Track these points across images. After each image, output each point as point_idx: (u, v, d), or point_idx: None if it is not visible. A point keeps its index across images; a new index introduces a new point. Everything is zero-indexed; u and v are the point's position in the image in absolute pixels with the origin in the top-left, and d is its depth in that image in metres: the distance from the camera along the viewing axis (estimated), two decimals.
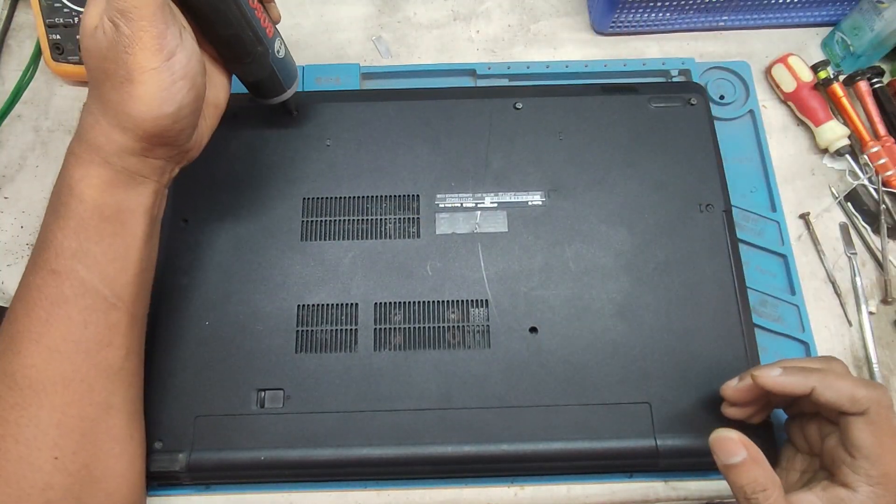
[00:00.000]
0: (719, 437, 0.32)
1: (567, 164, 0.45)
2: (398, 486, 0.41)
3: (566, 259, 0.43)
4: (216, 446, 0.38)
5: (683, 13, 0.52)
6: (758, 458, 0.31)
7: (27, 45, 0.55)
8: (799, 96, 0.50)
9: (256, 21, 0.36)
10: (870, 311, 0.46)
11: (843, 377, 0.32)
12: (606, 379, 0.40)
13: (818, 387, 0.32)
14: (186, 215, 0.44)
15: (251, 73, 0.39)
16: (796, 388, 0.32)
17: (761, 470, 0.31)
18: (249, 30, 0.36)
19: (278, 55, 0.39)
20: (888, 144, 0.48)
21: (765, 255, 0.47)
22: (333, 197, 0.44)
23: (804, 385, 0.32)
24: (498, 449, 0.38)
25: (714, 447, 0.32)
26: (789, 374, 0.33)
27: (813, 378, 0.32)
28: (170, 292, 0.42)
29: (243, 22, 0.35)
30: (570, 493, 0.41)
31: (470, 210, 0.44)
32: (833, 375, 0.32)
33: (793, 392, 0.32)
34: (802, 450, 0.36)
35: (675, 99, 0.47)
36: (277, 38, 0.39)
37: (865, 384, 0.31)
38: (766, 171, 0.49)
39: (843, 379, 0.32)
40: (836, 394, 0.31)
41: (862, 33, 0.50)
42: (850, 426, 0.31)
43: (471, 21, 0.56)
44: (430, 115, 0.47)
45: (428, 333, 0.41)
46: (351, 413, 0.39)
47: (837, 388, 0.31)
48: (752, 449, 0.31)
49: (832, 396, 0.31)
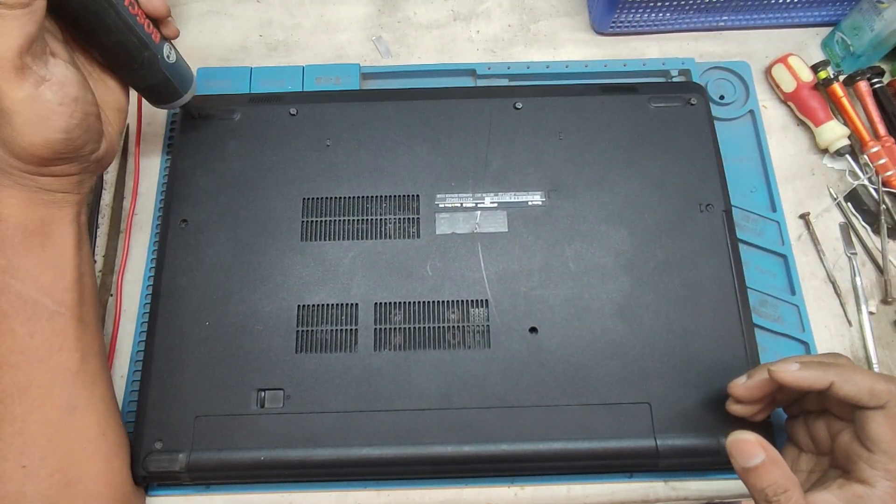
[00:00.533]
0: (737, 440, 0.31)
1: (567, 164, 0.45)
2: (398, 486, 0.41)
3: (566, 259, 0.43)
4: (216, 446, 0.38)
5: (683, 13, 0.52)
6: (776, 459, 0.30)
7: None
8: (799, 96, 0.50)
9: (139, 27, 0.36)
10: (870, 311, 0.46)
11: (860, 371, 0.32)
12: (606, 379, 0.40)
13: (837, 381, 0.31)
14: (186, 215, 0.44)
15: (143, 79, 0.39)
16: (815, 382, 0.32)
17: (780, 471, 0.30)
18: (132, 35, 0.36)
19: (168, 60, 0.39)
20: (888, 144, 0.48)
21: (765, 255, 0.47)
22: (333, 197, 0.44)
23: (823, 379, 0.31)
24: (498, 449, 0.38)
25: (732, 450, 0.31)
26: (808, 368, 0.32)
27: (832, 372, 0.31)
28: (170, 292, 0.42)
29: (124, 28, 0.35)
30: (570, 493, 0.41)
31: (470, 210, 0.44)
32: (850, 369, 0.32)
33: (811, 387, 0.32)
34: (807, 449, 0.36)
35: (675, 99, 0.47)
36: (166, 43, 0.39)
37: (884, 378, 0.31)
38: (766, 171, 0.49)
39: (860, 373, 0.31)
40: (856, 388, 0.31)
41: (862, 33, 0.50)
42: (868, 420, 0.31)
43: (471, 21, 0.56)
44: (430, 115, 0.47)
45: (428, 333, 0.41)
46: (351, 413, 0.39)
47: (856, 382, 0.31)
48: (769, 450, 0.31)
49: (851, 390, 0.31)
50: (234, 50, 0.54)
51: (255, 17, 0.56)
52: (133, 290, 0.46)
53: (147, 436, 0.39)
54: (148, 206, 0.48)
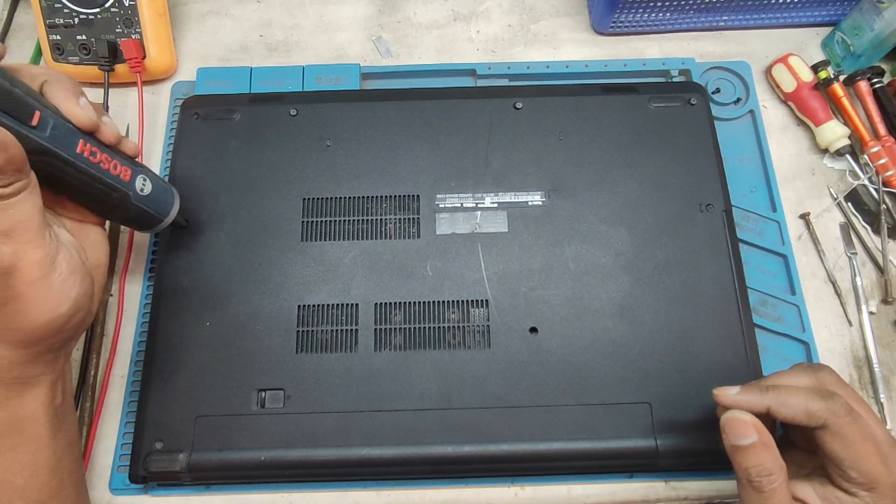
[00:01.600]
0: (732, 418, 0.31)
1: (567, 164, 0.45)
2: (398, 486, 0.41)
3: (566, 259, 0.43)
4: (216, 446, 0.38)
5: (683, 13, 0.52)
6: (768, 442, 0.30)
7: (27, 45, 0.55)
8: (799, 96, 0.50)
9: (104, 172, 0.34)
10: (870, 311, 0.46)
11: (796, 393, 0.31)
12: (606, 379, 0.40)
13: (773, 405, 0.31)
14: (186, 215, 0.43)
15: (118, 217, 0.37)
16: (752, 407, 0.32)
17: (770, 454, 0.30)
18: (98, 184, 0.34)
19: (142, 192, 0.37)
20: (888, 144, 0.48)
21: (765, 255, 0.47)
22: (333, 197, 0.44)
23: (760, 404, 0.31)
24: (498, 449, 0.38)
25: (725, 426, 0.31)
26: (746, 392, 0.32)
27: (769, 396, 0.31)
28: (170, 292, 0.42)
29: (88, 180, 0.33)
30: (570, 493, 0.41)
31: (470, 210, 0.44)
32: (788, 391, 0.31)
33: (751, 411, 0.32)
34: (801, 447, 0.36)
35: (675, 99, 0.47)
36: (139, 175, 0.37)
37: (820, 396, 0.31)
38: (766, 171, 0.49)
39: (796, 395, 0.31)
40: (792, 410, 0.31)
41: (862, 33, 0.50)
42: (819, 440, 0.31)
43: (471, 21, 0.56)
44: (430, 115, 0.47)
45: (428, 333, 0.41)
46: (351, 413, 0.39)
47: (792, 405, 0.31)
48: (763, 434, 0.31)
49: (788, 413, 0.31)
50: (234, 50, 0.55)
51: (255, 17, 0.56)
52: (133, 290, 0.46)
53: (147, 436, 0.39)
54: None
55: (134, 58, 0.49)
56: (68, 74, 0.51)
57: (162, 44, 0.51)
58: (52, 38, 0.50)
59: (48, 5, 0.49)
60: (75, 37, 0.49)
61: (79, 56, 0.50)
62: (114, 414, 0.43)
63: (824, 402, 0.30)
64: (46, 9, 0.49)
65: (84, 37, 0.49)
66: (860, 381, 0.44)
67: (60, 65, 0.50)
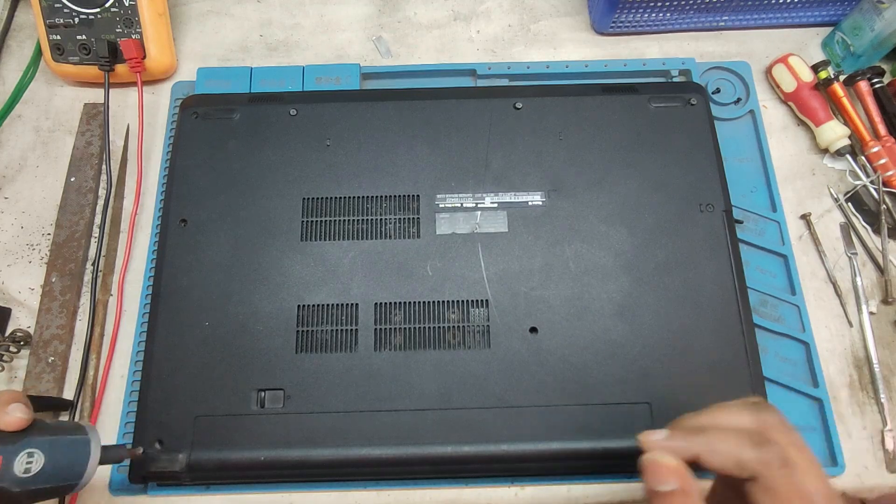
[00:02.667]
0: (653, 461, 0.28)
1: (567, 164, 0.45)
2: (398, 486, 0.41)
3: (566, 259, 0.43)
4: (216, 446, 0.38)
5: (683, 13, 0.52)
6: (689, 491, 0.28)
7: (27, 45, 0.55)
8: (799, 96, 0.50)
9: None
10: (870, 311, 0.46)
11: (727, 439, 0.28)
12: (606, 379, 0.40)
13: (702, 453, 0.28)
14: (186, 215, 0.44)
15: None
16: (681, 453, 0.29)
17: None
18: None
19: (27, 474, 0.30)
20: (888, 144, 0.48)
21: (765, 255, 0.47)
22: (333, 197, 0.44)
23: (688, 451, 0.29)
24: (498, 449, 0.38)
25: (644, 468, 0.29)
26: (673, 438, 0.29)
27: (698, 442, 0.29)
28: (170, 292, 0.42)
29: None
30: (570, 493, 0.41)
31: (470, 210, 0.44)
32: (719, 437, 0.29)
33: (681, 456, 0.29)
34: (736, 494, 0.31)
35: (676, 99, 0.47)
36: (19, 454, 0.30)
37: (753, 444, 0.28)
38: (766, 171, 0.49)
39: (727, 441, 0.28)
40: (721, 459, 0.28)
41: (862, 33, 0.50)
42: (748, 492, 0.28)
43: (471, 21, 0.56)
44: (430, 115, 0.47)
45: (428, 333, 0.41)
46: (351, 413, 0.39)
47: (722, 454, 0.28)
48: (685, 481, 0.28)
49: (717, 462, 0.28)
50: (234, 50, 0.55)
51: (255, 17, 0.56)
52: (133, 290, 0.46)
53: (147, 436, 0.39)
54: (148, 206, 0.48)
55: (134, 58, 0.49)
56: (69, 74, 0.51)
57: (162, 44, 0.51)
58: (52, 38, 0.50)
59: (48, 5, 0.49)
60: (75, 37, 0.49)
61: (79, 56, 0.50)
62: (113, 414, 0.43)
63: (757, 450, 0.28)
64: (46, 9, 0.49)
65: (84, 37, 0.49)
66: (860, 382, 0.44)
67: (60, 65, 0.50)
